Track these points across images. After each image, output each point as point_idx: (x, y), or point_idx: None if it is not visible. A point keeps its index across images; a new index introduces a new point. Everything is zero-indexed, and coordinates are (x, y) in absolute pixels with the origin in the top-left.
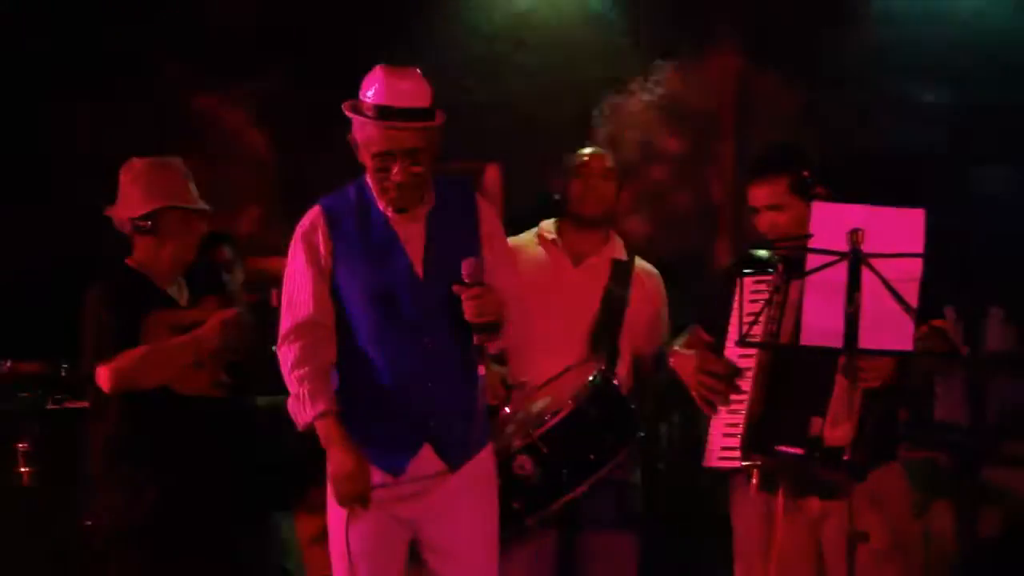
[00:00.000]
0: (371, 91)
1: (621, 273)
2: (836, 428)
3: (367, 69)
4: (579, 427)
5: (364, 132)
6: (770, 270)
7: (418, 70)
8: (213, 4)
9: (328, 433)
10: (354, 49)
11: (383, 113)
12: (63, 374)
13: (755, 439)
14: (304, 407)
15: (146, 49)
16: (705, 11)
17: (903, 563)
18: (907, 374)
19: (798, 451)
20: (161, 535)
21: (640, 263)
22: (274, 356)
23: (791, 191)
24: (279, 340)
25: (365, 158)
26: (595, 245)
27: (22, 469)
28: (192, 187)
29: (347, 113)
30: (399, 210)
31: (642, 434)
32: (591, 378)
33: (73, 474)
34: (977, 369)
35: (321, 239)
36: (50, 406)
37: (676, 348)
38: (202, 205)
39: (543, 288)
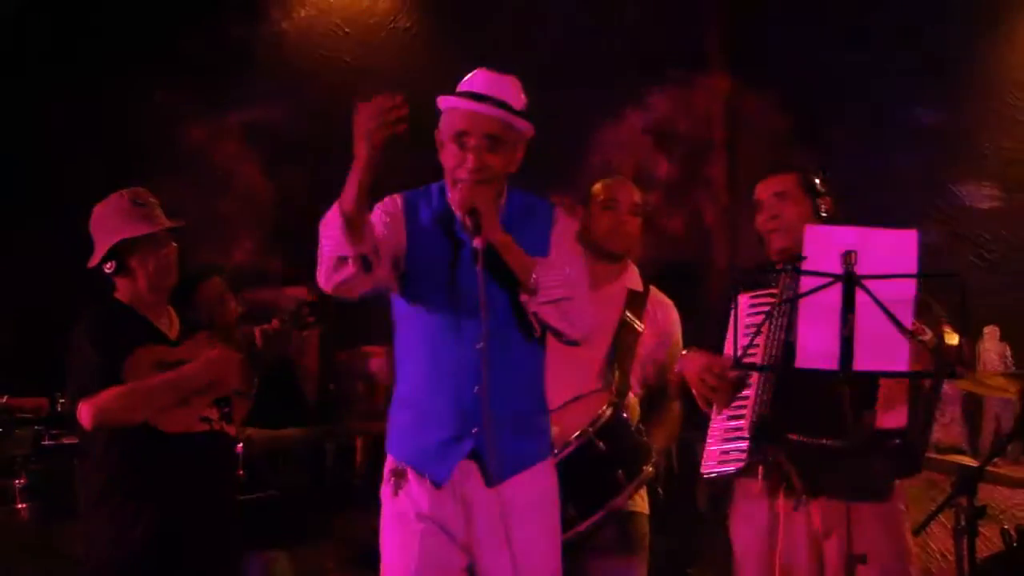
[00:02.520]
0: (464, 83)
1: (635, 304)
2: (890, 413)
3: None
4: (589, 461)
5: (448, 117)
6: (771, 284)
7: (518, 80)
8: (204, 35)
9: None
10: (344, 79)
11: (469, 95)
12: (59, 409)
13: (767, 431)
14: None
15: (137, 80)
16: (694, 35)
17: None
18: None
19: (808, 440)
20: (150, 569)
21: (655, 294)
22: (265, 391)
23: (799, 185)
24: None
25: (445, 148)
26: (613, 275)
27: (19, 505)
28: (146, 211)
29: (439, 106)
30: (469, 212)
31: (651, 468)
32: (601, 411)
33: (70, 509)
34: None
35: (399, 216)
36: (46, 441)
37: (683, 353)
38: (149, 228)
39: None
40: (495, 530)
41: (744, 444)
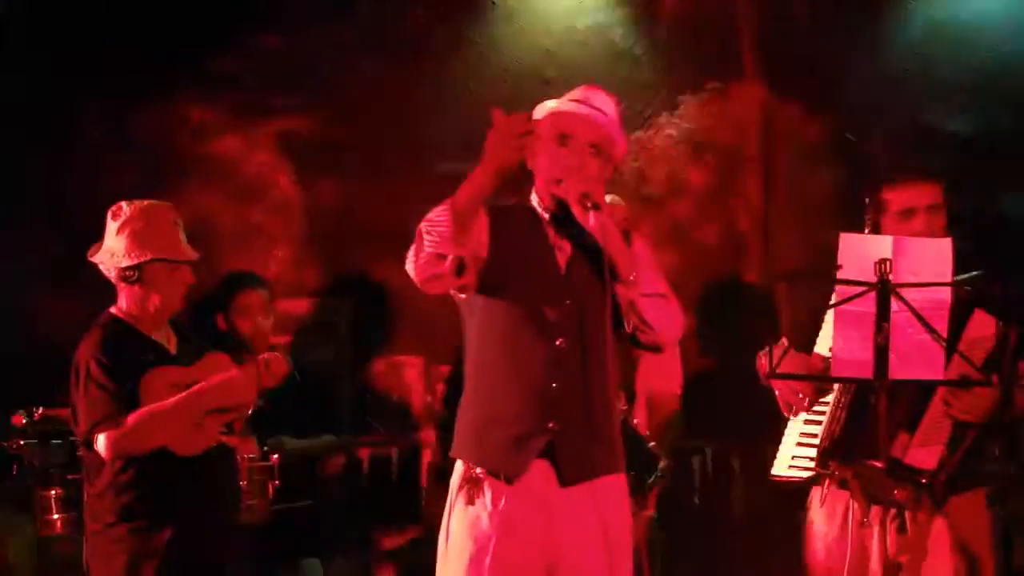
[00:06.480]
0: (569, 93)
1: None
2: (923, 449)
3: (392, 108)
4: None
5: (549, 120)
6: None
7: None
8: (237, 46)
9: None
10: (378, 89)
11: (573, 100)
12: (74, 436)
13: (836, 448)
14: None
15: (169, 92)
16: (728, 44)
17: None
18: (1007, 411)
19: (878, 464)
20: None
21: None
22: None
23: (944, 196)
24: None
25: (544, 151)
26: None
27: (55, 516)
28: (182, 234)
29: (535, 116)
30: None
31: (660, 474)
32: None
33: None
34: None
35: (482, 213)
36: (82, 452)
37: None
38: (191, 255)
39: None
40: (577, 536)
41: (815, 452)
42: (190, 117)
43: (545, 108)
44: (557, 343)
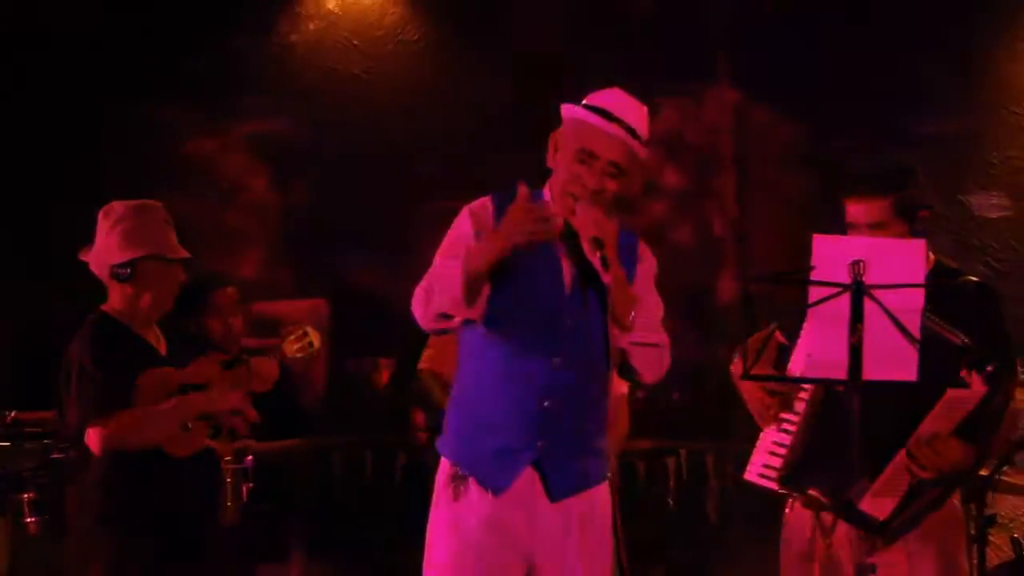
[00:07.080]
0: (599, 97)
1: None
2: (878, 498)
3: (364, 112)
4: None
5: (576, 130)
6: None
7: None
8: (212, 48)
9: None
10: (353, 91)
11: (601, 112)
12: (62, 430)
13: (792, 475)
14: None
15: (146, 93)
16: (702, 48)
17: None
18: (978, 466)
19: (828, 502)
20: None
21: None
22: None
23: (893, 210)
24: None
25: (564, 159)
26: None
27: (28, 519)
28: (173, 234)
29: (563, 113)
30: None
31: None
32: None
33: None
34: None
35: (489, 222)
36: (55, 455)
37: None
38: (183, 253)
39: None
40: (557, 543)
41: (780, 463)
42: (165, 119)
43: (572, 112)
44: (554, 361)
